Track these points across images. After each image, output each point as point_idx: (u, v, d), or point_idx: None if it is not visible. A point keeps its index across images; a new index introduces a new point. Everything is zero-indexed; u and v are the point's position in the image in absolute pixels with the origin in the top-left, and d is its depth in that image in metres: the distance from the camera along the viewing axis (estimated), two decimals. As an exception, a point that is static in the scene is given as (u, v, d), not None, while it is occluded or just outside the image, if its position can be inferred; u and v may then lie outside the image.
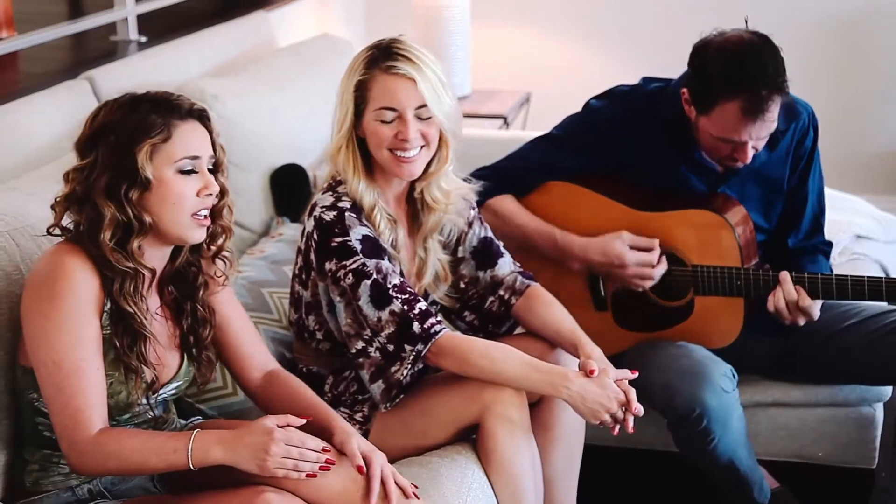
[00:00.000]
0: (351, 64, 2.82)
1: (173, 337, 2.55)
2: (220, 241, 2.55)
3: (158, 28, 4.26)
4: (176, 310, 2.56)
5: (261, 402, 2.68)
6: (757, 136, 3.06)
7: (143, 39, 4.14)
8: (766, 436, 3.45)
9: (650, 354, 3.23)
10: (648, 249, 3.23)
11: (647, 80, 3.36)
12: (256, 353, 2.68)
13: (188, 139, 2.40)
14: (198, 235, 2.43)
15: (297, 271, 2.92)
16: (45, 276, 2.33)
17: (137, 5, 4.17)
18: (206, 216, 2.43)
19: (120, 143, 2.34)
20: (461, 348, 2.74)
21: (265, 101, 3.85)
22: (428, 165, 2.85)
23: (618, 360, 3.16)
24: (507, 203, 3.36)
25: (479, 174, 3.35)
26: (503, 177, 3.36)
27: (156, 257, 2.45)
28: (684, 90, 3.14)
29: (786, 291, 3.12)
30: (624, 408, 2.74)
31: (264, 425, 2.34)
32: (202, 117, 2.45)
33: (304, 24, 5.17)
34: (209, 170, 2.43)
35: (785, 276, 3.12)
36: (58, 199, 2.41)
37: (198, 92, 3.61)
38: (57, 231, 2.42)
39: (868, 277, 3.10)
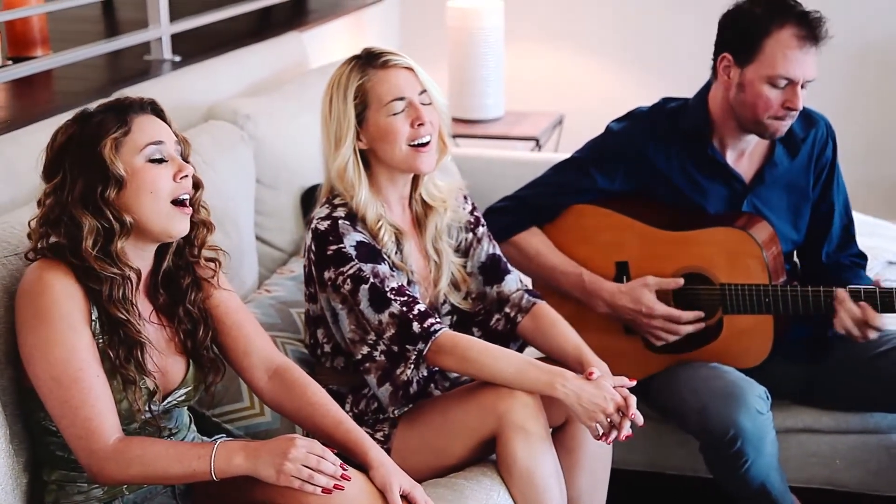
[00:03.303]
0: (335, 81, 2.89)
1: (172, 342, 2.53)
2: (201, 236, 2.53)
3: (192, 48, 4.28)
4: (171, 315, 2.54)
5: (271, 403, 2.63)
6: (807, 74, 3.10)
7: (177, 59, 4.16)
8: (796, 462, 3.43)
9: (682, 377, 3.22)
10: (673, 288, 3.24)
11: (666, 100, 3.38)
12: (255, 348, 2.62)
13: (147, 128, 2.40)
14: (182, 226, 2.42)
15: (305, 288, 2.94)
16: (28, 293, 2.33)
17: (172, 25, 4.19)
18: (187, 203, 2.42)
19: (83, 150, 2.35)
20: (460, 346, 2.75)
21: (297, 121, 3.86)
22: None
23: (648, 384, 3.16)
24: (533, 241, 3.36)
25: (502, 205, 3.36)
26: (527, 205, 3.36)
27: (139, 259, 2.43)
28: (723, 55, 3.17)
29: (847, 310, 3.09)
30: (621, 413, 2.71)
31: (288, 434, 2.37)
32: (155, 110, 2.46)
33: (337, 45, 5.19)
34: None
35: (843, 294, 3.09)
36: (32, 225, 2.41)
37: (230, 112, 3.63)
38: (32, 255, 2.40)
39: None
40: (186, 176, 2.41)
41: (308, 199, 3.84)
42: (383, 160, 2.86)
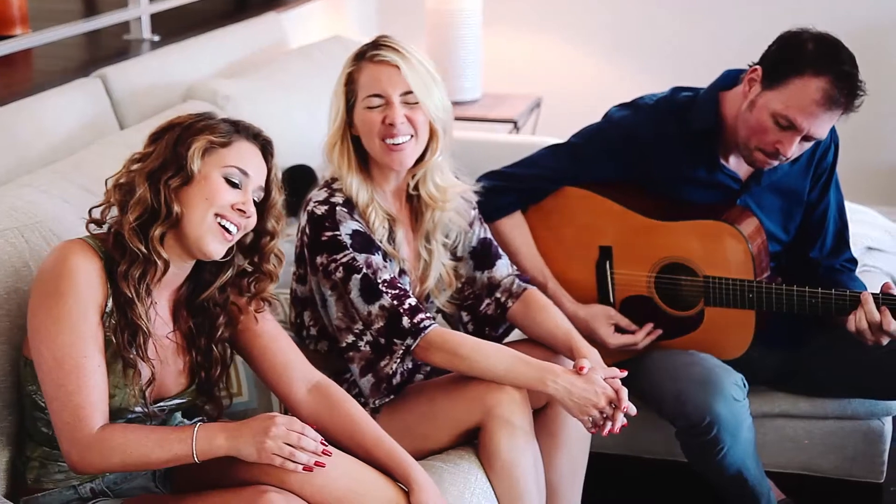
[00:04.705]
0: (344, 63, 2.87)
1: (184, 364, 2.54)
2: (263, 284, 2.57)
3: (171, 27, 4.27)
4: (189, 341, 2.55)
5: (309, 418, 2.59)
6: (813, 131, 3.02)
7: (156, 38, 4.15)
8: (772, 447, 3.44)
9: (660, 363, 3.22)
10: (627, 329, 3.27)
11: (676, 90, 3.33)
12: (292, 366, 2.62)
13: (245, 154, 2.45)
14: (216, 246, 2.41)
15: (294, 268, 2.94)
16: (50, 273, 2.33)
17: (151, 4, 4.18)
18: (232, 233, 2.42)
19: (182, 135, 2.41)
20: (451, 343, 2.76)
21: (276, 101, 3.85)
22: (420, 157, 2.87)
23: (626, 368, 3.16)
24: (514, 235, 3.33)
25: (490, 181, 3.33)
26: (516, 185, 3.33)
27: (175, 264, 2.44)
28: (756, 67, 3.09)
29: (867, 312, 3.03)
30: (613, 405, 2.72)
31: (267, 413, 2.38)
32: (266, 150, 2.50)
33: (316, 26, 5.18)
34: (255, 202, 2.46)
35: (867, 297, 3.05)
36: (108, 185, 2.45)
37: (209, 92, 3.62)
38: (96, 213, 2.45)
39: None
40: (244, 212, 2.42)
41: (287, 180, 3.80)
42: (367, 150, 2.85)
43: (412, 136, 2.80)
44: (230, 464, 2.38)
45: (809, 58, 2.99)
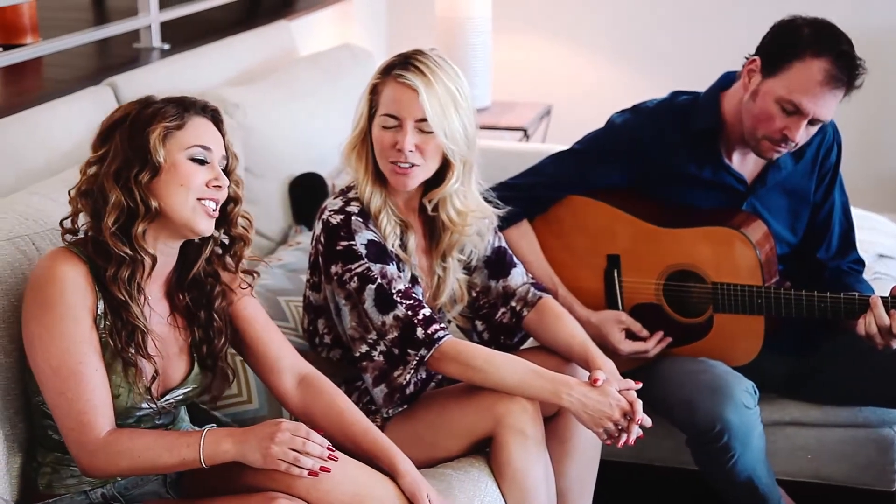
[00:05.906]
0: (374, 70, 2.85)
1: (182, 344, 2.54)
2: (237, 250, 2.56)
3: (181, 36, 4.28)
4: (188, 318, 2.55)
5: (298, 411, 2.63)
6: (819, 112, 3.03)
7: (166, 47, 4.15)
8: (783, 455, 3.43)
9: (671, 370, 3.22)
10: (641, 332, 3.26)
11: (676, 94, 3.34)
12: (283, 356, 2.64)
13: (201, 131, 2.43)
14: (205, 225, 2.42)
15: (308, 276, 2.94)
16: (38, 282, 2.34)
17: (161, 13, 4.19)
18: (214, 209, 2.43)
19: (134, 128, 2.38)
20: (464, 354, 2.75)
21: (285, 109, 3.86)
22: (434, 183, 2.85)
23: (636, 376, 3.16)
24: (521, 244, 3.33)
25: (496, 192, 3.33)
26: (521, 197, 3.31)
27: (163, 253, 2.44)
28: (754, 58, 3.11)
29: (877, 316, 3.03)
30: (628, 417, 2.72)
31: (274, 419, 2.39)
32: (216, 119, 2.49)
33: (325, 34, 5.18)
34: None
35: (876, 300, 3.04)
36: (72, 194, 2.44)
37: (219, 100, 3.61)
38: (67, 224, 2.44)
39: None
40: (219, 187, 2.42)
41: (296, 188, 3.84)
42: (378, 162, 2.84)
43: (419, 163, 2.79)
44: (239, 470, 2.39)
45: (807, 41, 3.02)
